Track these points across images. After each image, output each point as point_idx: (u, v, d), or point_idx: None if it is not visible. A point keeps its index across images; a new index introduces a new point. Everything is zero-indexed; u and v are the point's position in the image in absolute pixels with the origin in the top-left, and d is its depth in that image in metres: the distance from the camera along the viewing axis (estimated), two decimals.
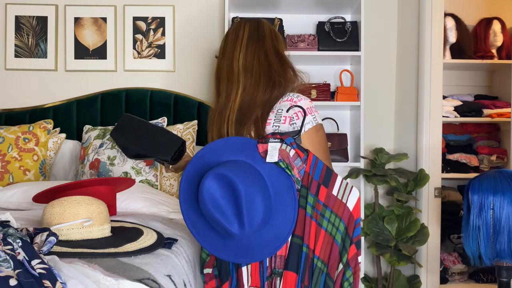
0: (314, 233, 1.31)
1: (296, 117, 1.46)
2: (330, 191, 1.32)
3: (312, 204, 1.32)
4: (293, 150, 1.33)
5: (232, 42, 1.57)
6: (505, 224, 1.70)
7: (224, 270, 1.41)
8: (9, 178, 2.43)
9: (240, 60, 1.53)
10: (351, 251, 1.30)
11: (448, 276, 2.88)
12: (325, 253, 1.31)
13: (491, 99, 3.15)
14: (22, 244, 1.01)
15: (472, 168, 3.02)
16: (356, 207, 1.32)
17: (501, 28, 3.09)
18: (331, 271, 1.30)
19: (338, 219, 1.31)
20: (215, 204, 1.25)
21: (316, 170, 1.33)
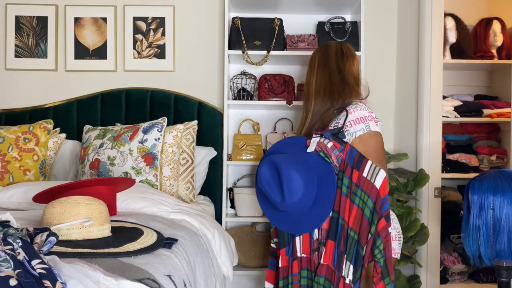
0: (348, 208, 1.59)
1: (350, 124, 1.74)
2: (361, 173, 1.58)
3: (347, 185, 1.61)
4: (331, 143, 1.65)
5: (309, 71, 1.94)
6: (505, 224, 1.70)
7: (282, 239, 1.75)
8: (9, 178, 2.43)
9: (313, 85, 1.88)
10: (380, 224, 1.52)
11: (448, 276, 2.88)
12: (357, 225, 1.56)
13: (491, 99, 3.15)
14: (22, 244, 1.01)
15: (472, 168, 3.02)
16: (383, 186, 1.54)
17: (501, 28, 3.08)
18: (362, 239, 1.54)
19: (367, 196, 1.56)
20: (266, 181, 1.66)
21: (351, 157, 1.62)
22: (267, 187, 1.66)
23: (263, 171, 1.67)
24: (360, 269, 1.53)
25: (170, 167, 2.43)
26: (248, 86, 2.80)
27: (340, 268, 1.57)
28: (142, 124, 2.49)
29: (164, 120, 2.50)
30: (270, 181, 1.65)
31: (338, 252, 1.58)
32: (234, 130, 2.95)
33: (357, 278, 1.52)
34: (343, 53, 1.90)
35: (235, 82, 2.79)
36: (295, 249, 1.71)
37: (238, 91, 2.76)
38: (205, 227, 2.01)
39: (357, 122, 1.73)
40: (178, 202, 2.16)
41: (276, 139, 2.73)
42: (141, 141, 2.39)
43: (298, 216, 1.66)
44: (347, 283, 1.55)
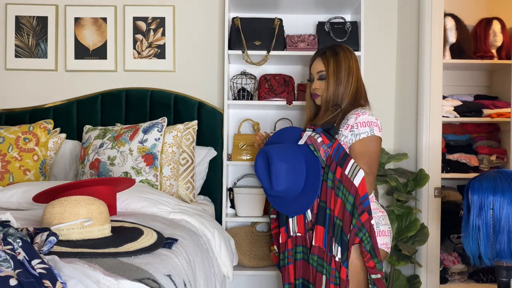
0: (333, 199, 1.76)
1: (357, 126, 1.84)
2: (343, 171, 1.73)
3: (331, 179, 1.76)
4: (320, 138, 1.78)
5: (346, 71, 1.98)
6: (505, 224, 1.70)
7: (282, 219, 1.98)
8: (9, 178, 2.43)
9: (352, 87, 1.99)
10: (364, 217, 1.69)
11: (448, 276, 2.88)
12: (341, 215, 1.74)
13: (491, 99, 3.15)
14: (22, 244, 1.01)
15: (472, 168, 3.02)
16: (361, 185, 1.69)
17: (501, 28, 3.09)
18: (345, 228, 1.73)
19: (348, 192, 1.71)
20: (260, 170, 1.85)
21: (337, 155, 1.76)
22: (261, 175, 1.86)
23: (258, 161, 1.87)
24: (346, 251, 1.73)
25: (170, 167, 2.43)
26: (248, 86, 2.80)
27: (330, 248, 1.77)
28: (142, 124, 2.49)
29: (164, 120, 2.50)
30: (263, 170, 1.85)
31: (328, 236, 1.78)
32: (234, 130, 2.95)
33: (344, 258, 1.73)
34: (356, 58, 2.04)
35: (235, 82, 2.79)
36: (289, 229, 1.93)
37: (238, 91, 2.76)
38: (205, 227, 2.01)
39: (364, 125, 1.84)
40: (178, 202, 2.16)
41: None
42: (141, 141, 2.39)
43: (289, 200, 1.86)
44: (337, 261, 1.75)
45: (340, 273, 1.75)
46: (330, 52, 1.99)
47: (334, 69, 1.96)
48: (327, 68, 1.97)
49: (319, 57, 2.01)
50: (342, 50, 1.99)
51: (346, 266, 1.74)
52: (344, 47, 2.03)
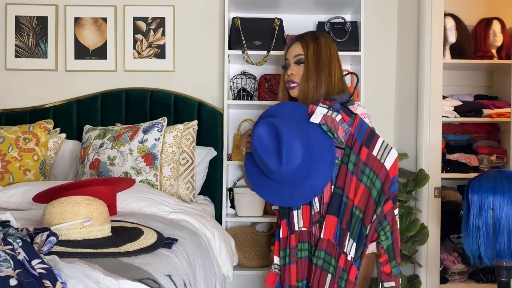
0: (354, 186, 1.53)
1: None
2: (370, 152, 1.52)
3: (354, 162, 1.54)
4: (339, 116, 1.55)
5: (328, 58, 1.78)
6: (505, 224, 1.70)
7: (283, 210, 1.68)
8: (9, 178, 2.43)
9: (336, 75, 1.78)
10: (387, 206, 1.49)
11: (448, 276, 2.88)
12: (363, 203, 1.52)
13: (491, 99, 3.15)
14: (23, 244, 1.01)
15: (472, 168, 3.02)
16: (393, 166, 1.49)
17: (501, 28, 3.09)
18: (366, 219, 1.51)
19: (375, 176, 1.51)
20: (260, 142, 1.52)
21: (360, 133, 1.55)
22: (262, 151, 1.51)
23: (261, 133, 1.52)
24: (362, 247, 1.50)
25: (170, 167, 2.43)
26: (248, 86, 2.80)
27: (341, 244, 1.53)
28: (142, 124, 2.49)
29: (164, 120, 2.50)
30: (267, 145, 1.51)
31: (340, 229, 1.54)
32: (234, 130, 2.95)
33: (358, 256, 1.51)
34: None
35: (235, 82, 2.79)
36: (293, 223, 1.64)
37: (238, 91, 2.76)
38: (205, 227, 2.01)
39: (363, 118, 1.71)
40: (178, 202, 2.16)
41: None
42: (141, 141, 2.39)
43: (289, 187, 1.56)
44: (349, 260, 1.51)
45: (348, 274, 1.52)
46: (310, 36, 1.78)
47: (314, 54, 1.73)
48: (306, 51, 1.74)
49: (297, 41, 1.79)
50: (323, 36, 1.79)
51: (358, 266, 1.51)
52: (324, 34, 1.82)
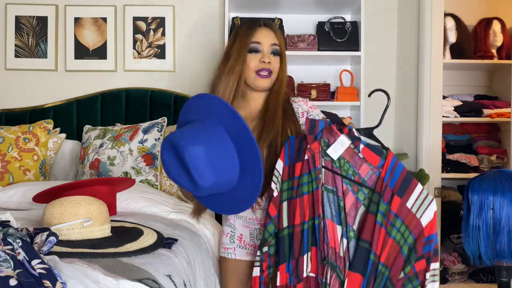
0: (382, 240, 1.29)
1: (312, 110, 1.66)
2: (404, 202, 1.29)
3: (384, 212, 1.30)
4: (361, 153, 1.33)
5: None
6: (505, 224, 1.70)
7: (283, 252, 1.42)
8: (9, 178, 2.43)
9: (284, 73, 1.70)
10: (419, 265, 1.28)
11: (448, 276, 2.88)
12: (390, 260, 1.30)
13: (491, 99, 3.15)
14: (22, 244, 1.01)
15: (472, 168, 3.02)
16: (431, 224, 1.27)
17: (501, 28, 3.09)
18: (393, 276, 1.29)
19: (408, 231, 1.29)
20: (172, 170, 1.31)
21: (393, 177, 1.31)
22: (176, 177, 1.30)
23: (165, 159, 1.30)
24: None
25: None
26: None
27: None
28: (142, 124, 2.49)
29: (164, 120, 2.49)
30: (175, 168, 1.29)
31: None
32: None
33: None
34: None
35: None
36: (301, 268, 1.38)
37: None
38: (205, 227, 2.01)
39: (314, 108, 1.67)
40: (178, 202, 2.16)
41: None
42: (141, 141, 2.39)
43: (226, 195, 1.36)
44: None
45: None
46: (276, 26, 1.66)
47: (284, 47, 1.64)
48: (280, 41, 1.61)
49: (268, 28, 1.62)
50: None
51: None
52: None
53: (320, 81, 2.87)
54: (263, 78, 1.57)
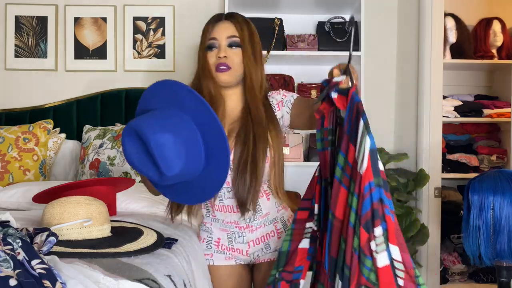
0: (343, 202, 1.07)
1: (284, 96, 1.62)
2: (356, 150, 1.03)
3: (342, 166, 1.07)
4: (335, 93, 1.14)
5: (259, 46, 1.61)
6: (505, 224, 1.70)
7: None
8: (9, 178, 2.43)
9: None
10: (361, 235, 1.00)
11: (448, 276, 2.88)
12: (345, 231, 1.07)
13: (491, 99, 3.15)
14: (22, 244, 1.01)
15: (472, 168, 3.02)
16: (368, 168, 0.98)
17: (501, 28, 3.09)
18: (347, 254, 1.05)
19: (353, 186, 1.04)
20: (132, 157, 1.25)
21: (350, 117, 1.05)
22: (138, 163, 1.24)
23: (127, 147, 1.24)
24: None
25: None
26: None
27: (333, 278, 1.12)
28: None
29: None
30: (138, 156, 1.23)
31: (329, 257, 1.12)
32: None
33: None
34: None
35: None
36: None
37: None
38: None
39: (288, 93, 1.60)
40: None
41: None
42: None
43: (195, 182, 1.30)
44: None
45: None
46: (241, 18, 1.57)
47: (249, 37, 1.53)
48: (241, 33, 1.52)
49: (227, 21, 1.55)
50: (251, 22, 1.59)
51: None
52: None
53: (320, 81, 2.86)
54: (220, 72, 1.52)
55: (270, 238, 1.60)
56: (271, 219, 1.60)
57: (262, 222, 1.59)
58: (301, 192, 2.85)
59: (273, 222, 1.60)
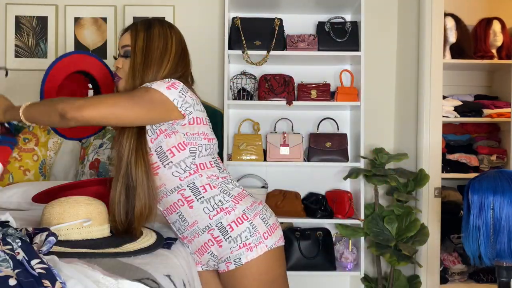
0: None
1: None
2: None
3: None
4: None
5: (160, 52, 1.52)
6: (505, 224, 1.70)
7: None
8: (9, 178, 2.43)
9: (166, 73, 1.51)
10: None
11: (448, 276, 2.88)
12: None
13: (491, 99, 3.15)
14: (22, 244, 1.01)
15: (472, 168, 3.02)
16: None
17: (501, 28, 3.09)
18: None
19: None
20: None
21: None
22: None
23: None
24: None
25: None
26: (248, 86, 2.80)
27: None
28: None
29: None
30: None
31: None
32: (234, 130, 2.94)
33: None
34: None
35: (235, 82, 2.79)
36: None
37: (238, 91, 2.76)
38: None
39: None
40: None
41: (276, 139, 2.73)
42: None
43: None
44: None
45: None
46: (143, 25, 1.54)
47: (143, 46, 1.50)
48: (134, 42, 1.51)
49: (126, 30, 1.56)
50: (160, 25, 1.55)
51: None
52: (166, 22, 1.60)
53: (320, 81, 2.87)
54: (116, 82, 1.56)
55: (210, 247, 1.46)
56: (202, 227, 1.45)
57: (194, 232, 1.47)
58: (301, 192, 2.85)
59: (206, 230, 1.45)
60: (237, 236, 1.43)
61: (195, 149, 1.44)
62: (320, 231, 2.72)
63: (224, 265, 1.46)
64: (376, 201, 2.70)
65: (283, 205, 2.71)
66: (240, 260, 1.42)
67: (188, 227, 1.47)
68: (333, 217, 2.69)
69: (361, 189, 2.69)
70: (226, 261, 1.45)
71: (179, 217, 1.47)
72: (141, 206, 1.40)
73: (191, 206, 1.44)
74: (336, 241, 2.83)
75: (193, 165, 1.44)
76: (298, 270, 2.63)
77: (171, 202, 1.47)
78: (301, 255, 2.66)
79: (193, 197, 1.44)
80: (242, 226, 1.43)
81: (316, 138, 2.75)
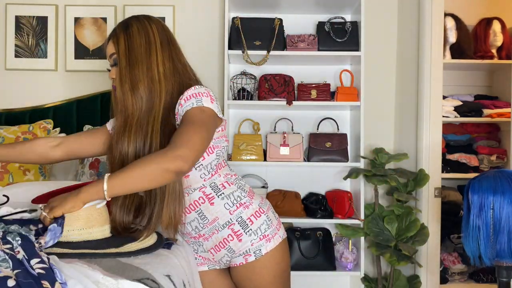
0: None
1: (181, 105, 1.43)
2: None
3: None
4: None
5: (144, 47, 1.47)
6: (505, 224, 1.70)
7: None
8: (9, 178, 2.43)
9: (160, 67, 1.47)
10: None
11: (448, 276, 2.88)
12: None
13: (491, 99, 3.15)
14: (22, 242, 1.01)
15: (472, 168, 3.02)
16: None
17: (501, 28, 3.09)
18: None
19: None
20: None
21: None
22: None
23: None
24: None
25: None
26: (248, 86, 2.80)
27: None
28: None
29: None
30: None
31: None
32: (234, 130, 2.94)
33: None
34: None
35: (235, 82, 2.79)
36: None
37: (238, 91, 2.76)
38: None
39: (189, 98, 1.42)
40: None
41: (276, 139, 2.73)
42: None
43: None
44: None
45: None
46: (121, 28, 1.49)
47: (125, 48, 1.46)
48: (117, 47, 1.47)
49: (109, 39, 1.51)
50: (137, 21, 1.50)
51: None
52: (143, 16, 1.54)
53: (320, 81, 2.87)
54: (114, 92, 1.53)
55: (229, 242, 1.49)
56: (222, 223, 1.48)
57: (213, 229, 1.49)
58: (301, 192, 2.85)
59: (227, 225, 1.48)
60: (257, 228, 1.49)
61: (220, 151, 1.49)
62: (320, 231, 2.72)
63: (242, 258, 1.50)
64: (376, 201, 2.70)
65: (283, 205, 2.71)
66: (260, 251, 1.49)
67: (207, 224, 1.49)
68: (333, 217, 2.69)
69: (361, 189, 2.69)
70: (245, 253, 1.49)
71: (198, 215, 1.49)
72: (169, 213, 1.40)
73: (212, 203, 1.48)
74: (336, 241, 2.83)
75: (215, 166, 1.49)
76: (298, 270, 2.63)
77: (192, 201, 1.49)
78: (301, 255, 2.66)
79: (214, 194, 1.48)
80: (260, 219, 1.50)
81: (316, 138, 2.75)
